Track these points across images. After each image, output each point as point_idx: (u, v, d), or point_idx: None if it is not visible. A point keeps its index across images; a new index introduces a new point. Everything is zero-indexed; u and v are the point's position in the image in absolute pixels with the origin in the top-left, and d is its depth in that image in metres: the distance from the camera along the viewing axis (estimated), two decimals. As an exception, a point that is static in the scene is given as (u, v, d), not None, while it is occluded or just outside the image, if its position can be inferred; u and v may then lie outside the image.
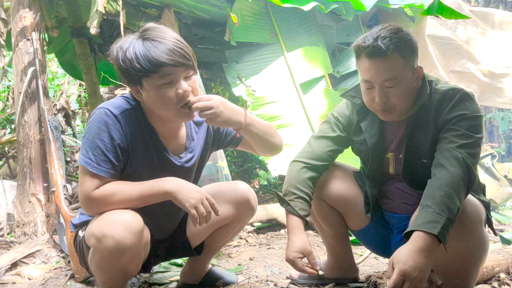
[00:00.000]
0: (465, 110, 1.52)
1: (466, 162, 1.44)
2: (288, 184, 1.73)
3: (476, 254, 1.51)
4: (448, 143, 1.50)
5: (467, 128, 1.50)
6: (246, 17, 3.37)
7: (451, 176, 1.42)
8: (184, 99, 1.45)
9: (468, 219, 1.45)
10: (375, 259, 2.45)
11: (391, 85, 1.53)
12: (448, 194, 1.39)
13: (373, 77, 1.54)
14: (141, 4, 3.32)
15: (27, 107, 2.64)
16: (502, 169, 4.52)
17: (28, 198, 2.62)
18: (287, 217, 1.69)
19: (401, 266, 1.30)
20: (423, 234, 1.34)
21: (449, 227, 1.36)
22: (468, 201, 1.48)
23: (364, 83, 1.58)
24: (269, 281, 2.05)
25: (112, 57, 1.47)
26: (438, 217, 1.35)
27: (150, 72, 1.40)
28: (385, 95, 1.54)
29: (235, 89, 3.36)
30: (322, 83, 3.62)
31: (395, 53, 1.50)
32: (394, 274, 1.31)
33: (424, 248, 1.32)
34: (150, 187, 1.50)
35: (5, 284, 2.08)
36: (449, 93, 1.57)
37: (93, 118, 1.48)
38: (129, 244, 1.41)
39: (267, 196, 3.82)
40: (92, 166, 1.45)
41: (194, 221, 1.47)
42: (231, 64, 3.43)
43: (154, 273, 2.16)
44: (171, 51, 1.40)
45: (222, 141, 1.78)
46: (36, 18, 2.67)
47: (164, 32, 1.45)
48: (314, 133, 1.88)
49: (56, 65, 5.98)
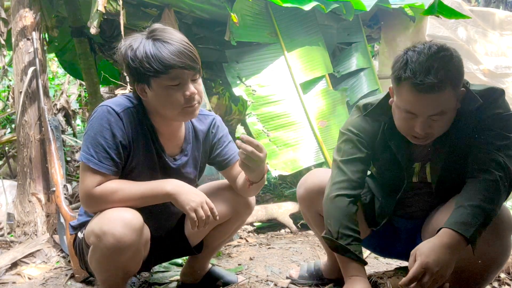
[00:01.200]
0: (499, 109, 1.45)
1: (506, 164, 1.39)
2: (338, 224, 1.56)
3: (500, 260, 1.47)
4: (485, 144, 1.43)
5: (503, 127, 1.43)
6: (247, 17, 3.37)
7: (492, 180, 1.37)
8: (190, 101, 1.47)
9: (502, 225, 1.41)
10: (375, 259, 2.45)
11: (438, 118, 1.40)
12: (487, 199, 1.34)
13: (420, 111, 1.39)
14: (141, 3, 3.32)
15: (28, 106, 2.64)
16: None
17: (28, 197, 2.62)
18: (345, 263, 1.56)
19: (423, 259, 1.27)
20: (453, 232, 1.30)
21: (482, 232, 1.32)
22: (503, 207, 1.42)
23: (406, 113, 1.42)
24: (269, 281, 2.05)
25: (120, 55, 1.47)
26: (473, 220, 1.30)
27: (160, 73, 1.41)
28: (429, 126, 1.41)
29: (235, 89, 3.36)
30: (322, 83, 3.62)
31: (449, 87, 1.34)
32: (415, 265, 1.28)
33: (450, 245, 1.29)
34: (151, 187, 1.51)
35: (5, 283, 2.08)
36: (486, 93, 1.46)
37: (95, 116, 1.49)
38: (129, 241, 1.42)
39: (267, 196, 3.82)
40: (94, 163, 1.46)
41: (193, 224, 1.49)
42: (231, 64, 3.42)
43: (154, 272, 2.16)
44: (181, 53, 1.41)
45: (213, 158, 1.77)
46: (36, 18, 2.67)
47: (173, 33, 1.46)
48: (338, 156, 1.68)
49: (56, 64, 5.99)
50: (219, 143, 1.76)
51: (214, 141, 1.75)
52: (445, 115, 1.40)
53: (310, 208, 1.81)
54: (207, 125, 1.73)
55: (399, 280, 1.72)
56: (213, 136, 1.75)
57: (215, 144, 1.75)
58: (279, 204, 3.29)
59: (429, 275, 1.27)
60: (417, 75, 1.32)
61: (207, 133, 1.73)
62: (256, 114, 3.30)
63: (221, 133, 1.77)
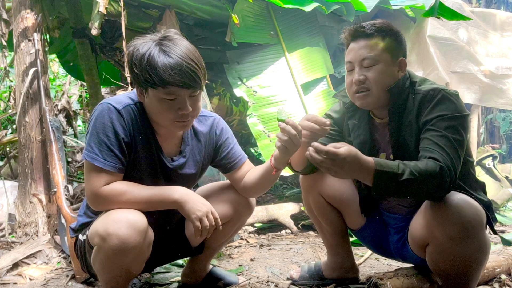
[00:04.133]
0: (445, 110, 1.52)
1: (444, 162, 1.42)
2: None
3: (477, 258, 1.49)
4: (428, 144, 1.49)
5: (446, 128, 1.49)
6: (247, 18, 3.38)
7: (433, 165, 1.41)
8: (182, 117, 1.48)
9: (469, 223, 1.43)
10: (376, 260, 2.45)
11: (369, 64, 1.59)
12: (417, 166, 1.40)
13: (353, 57, 1.62)
14: (143, 5, 3.33)
15: (29, 107, 2.65)
16: (503, 170, 4.51)
17: (30, 198, 2.62)
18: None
19: (343, 153, 1.35)
20: (373, 163, 1.39)
21: (390, 181, 1.38)
22: (469, 204, 1.46)
23: (346, 66, 1.66)
24: (270, 282, 2.05)
25: (128, 54, 1.49)
26: (391, 165, 1.39)
27: (157, 85, 1.41)
28: (362, 74, 1.60)
29: (236, 89, 3.36)
30: (323, 84, 3.62)
31: (377, 35, 1.60)
32: (335, 149, 1.36)
33: (364, 162, 1.38)
34: (159, 193, 1.52)
35: (6, 284, 2.09)
36: (430, 93, 1.57)
37: (96, 114, 1.49)
38: (134, 243, 1.42)
39: (268, 197, 3.82)
40: (99, 161, 1.46)
41: (197, 233, 1.51)
42: (232, 64, 3.43)
43: (155, 273, 2.16)
44: (182, 72, 1.40)
45: (218, 161, 1.78)
46: (37, 19, 2.68)
47: (180, 46, 1.43)
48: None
49: (57, 65, 6.00)
50: (224, 146, 1.76)
51: (218, 143, 1.75)
52: (377, 66, 1.59)
53: (312, 190, 1.85)
54: (209, 127, 1.73)
55: (400, 281, 1.74)
56: (217, 138, 1.75)
57: (220, 147, 1.76)
58: (279, 205, 3.29)
59: (331, 162, 1.36)
60: (355, 26, 1.62)
61: (209, 135, 1.73)
62: (257, 115, 3.31)
63: (226, 136, 1.77)
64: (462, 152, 1.50)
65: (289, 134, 1.47)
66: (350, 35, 1.64)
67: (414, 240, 1.64)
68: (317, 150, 1.38)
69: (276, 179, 1.72)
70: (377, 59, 1.59)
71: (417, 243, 1.62)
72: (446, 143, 1.47)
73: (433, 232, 1.49)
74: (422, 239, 1.58)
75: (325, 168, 1.39)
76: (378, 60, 1.59)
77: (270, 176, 1.66)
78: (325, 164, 1.38)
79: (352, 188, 1.84)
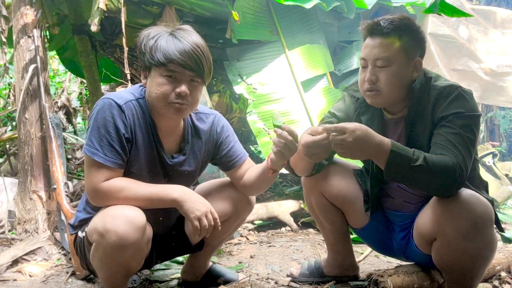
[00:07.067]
0: (461, 108, 1.51)
1: (457, 160, 1.42)
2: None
3: (485, 255, 1.49)
4: (441, 140, 1.48)
5: (461, 126, 1.48)
6: (248, 15, 3.37)
7: (447, 157, 1.41)
8: (179, 98, 1.48)
9: (479, 219, 1.43)
10: (376, 258, 2.45)
11: (382, 65, 1.55)
12: (432, 157, 1.41)
13: (367, 54, 1.57)
14: (143, 1, 3.32)
15: (28, 104, 2.64)
16: (503, 168, 4.51)
17: (29, 195, 2.62)
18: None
19: (355, 128, 1.37)
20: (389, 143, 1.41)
21: (404, 164, 1.39)
22: (479, 201, 1.45)
23: (360, 61, 1.62)
24: (269, 279, 2.05)
25: (138, 40, 1.53)
26: (408, 151, 1.41)
27: (160, 64, 1.45)
28: (375, 74, 1.56)
29: (236, 87, 3.36)
30: (323, 81, 3.61)
31: (394, 34, 1.54)
32: (343, 124, 1.39)
33: (378, 139, 1.40)
34: (158, 191, 1.52)
35: (6, 281, 2.09)
36: (446, 90, 1.56)
37: (97, 109, 1.49)
38: (132, 239, 1.42)
39: (268, 194, 3.82)
40: (99, 156, 1.46)
41: (196, 232, 1.51)
42: (232, 62, 3.43)
43: (155, 270, 2.16)
44: (186, 52, 1.46)
45: (218, 159, 1.78)
46: (37, 15, 2.67)
47: (191, 35, 1.51)
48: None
49: (57, 62, 5.99)
50: (225, 144, 1.76)
51: (219, 141, 1.75)
52: (391, 67, 1.54)
53: (314, 190, 1.84)
54: (209, 124, 1.73)
55: (400, 279, 1.74)
56: (218, 136, 1.75)
57: (221, 145, 1.75)
58: (279, 202, 3.29)
59: (341, 138, 1.37)
60: (373, 22, 1.56)
61: (210, 132, 1.73)
62: (257, 112, 3.30)
63: (227, 134, 1.77)
64: (474, 151, 1.50)
65: (285, 140, 1.46)
66: (367, 30, 1.59)
67: (420, 235, 1.63)
68: (326, 129, 1.39)
69: (274, 179, 1.71)
70: (391, 60, 1.54)
71: (424, 238, 1.62)
72: (460, 142, 1.46)
73: (442, 227, 1.48)
74: (429, 234, 1.57)
75: (338, 146, 1.40)
76: (392, 61, 1.54)
77: (267, 177, 1.66)
78: (337, 141, 1.38)
79: (356, 187, 1.83)
